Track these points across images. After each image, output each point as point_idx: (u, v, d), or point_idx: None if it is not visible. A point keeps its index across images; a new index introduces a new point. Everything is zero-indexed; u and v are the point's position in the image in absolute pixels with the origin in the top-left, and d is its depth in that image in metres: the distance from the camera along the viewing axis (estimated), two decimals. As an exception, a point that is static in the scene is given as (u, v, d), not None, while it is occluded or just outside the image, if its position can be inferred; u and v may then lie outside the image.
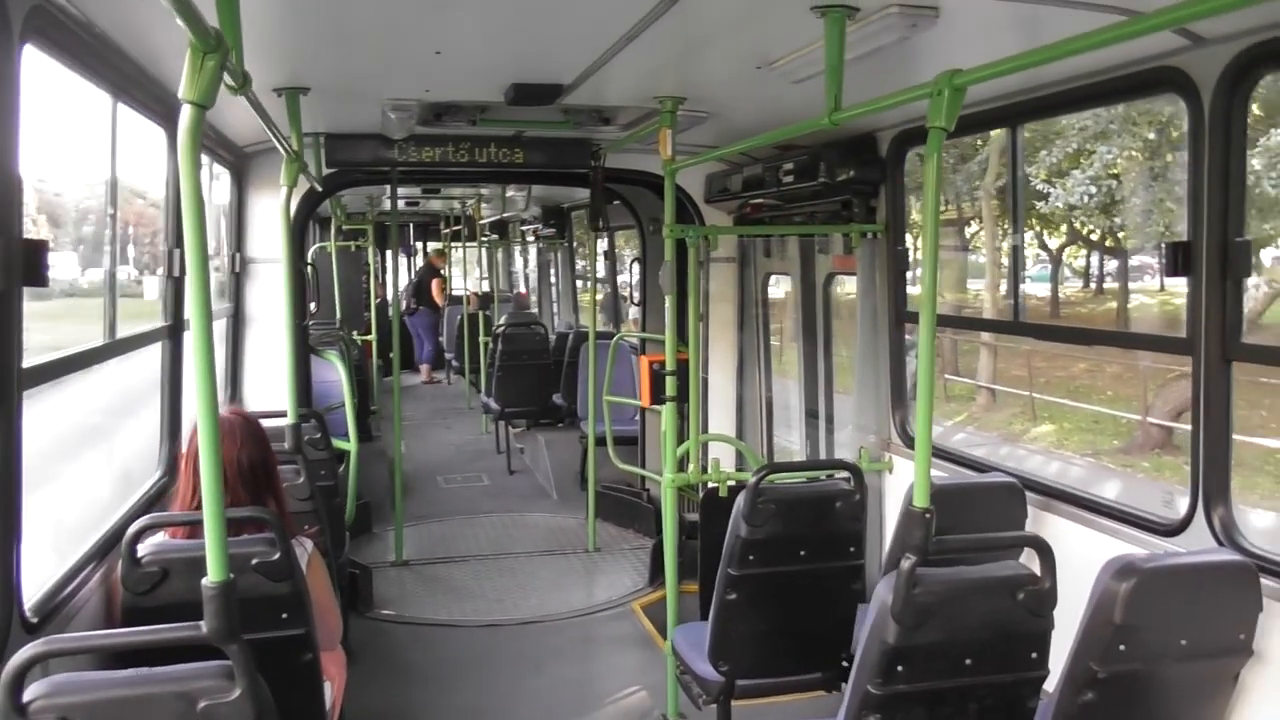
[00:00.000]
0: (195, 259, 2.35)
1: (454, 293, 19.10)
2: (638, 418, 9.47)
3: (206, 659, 2.40)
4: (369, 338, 12.81)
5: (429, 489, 11.02)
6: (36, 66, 3.29)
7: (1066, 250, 24.46)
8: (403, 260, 21.91)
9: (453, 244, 18.60)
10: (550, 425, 12.34)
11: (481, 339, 14.44)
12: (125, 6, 3.26)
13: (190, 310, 2.38)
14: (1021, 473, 4.81)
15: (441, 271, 18.38)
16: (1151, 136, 17.24)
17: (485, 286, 18.12)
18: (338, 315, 13.07)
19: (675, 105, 5.34)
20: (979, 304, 21.42)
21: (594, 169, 7.03)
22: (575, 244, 16.01)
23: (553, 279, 17.87)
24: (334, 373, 8.47)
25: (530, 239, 18.91)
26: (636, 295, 9.22)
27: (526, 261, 21.17)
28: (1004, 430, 19.12)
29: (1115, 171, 17.87)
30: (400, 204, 12.63)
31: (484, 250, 19.28)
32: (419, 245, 21.83)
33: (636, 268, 9.55)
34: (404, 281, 21.24)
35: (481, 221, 16.49)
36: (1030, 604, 3.14)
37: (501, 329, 12.80)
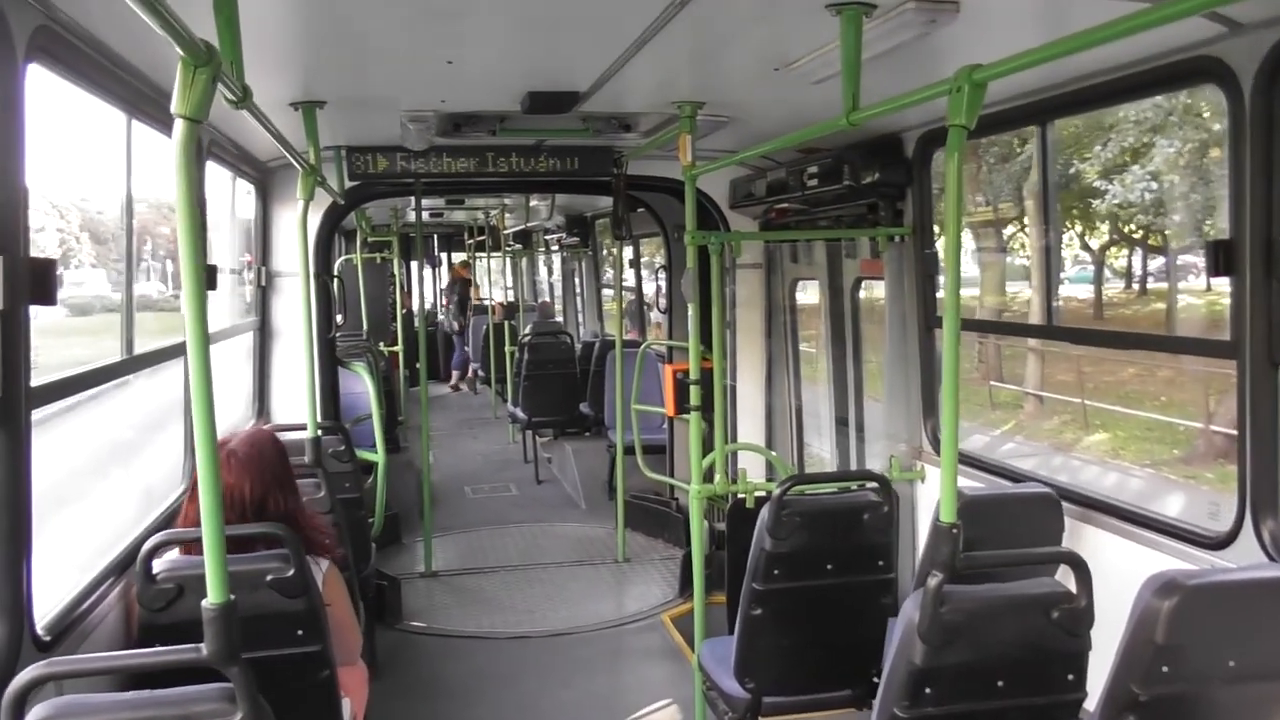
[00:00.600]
0: (191, 275, 2.29)
1: (478, 302, 19.20)
2: (664, 426, 9.39)
3: (217, 678, 2.36)
4: (395, 349, 12.86)
5: (457, 499, 11.00)
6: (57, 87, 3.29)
7: (1109, 250, 23.96)
8: (428, 271, 21.99)
9: (477, 254, 18.65)
10: (576, 434, 12.29)
11: (507, 349, 14.43)
12: (131, 23, 3.21)
13: (187, 327, 2.32)
14: (1057, 482, 4.66)
15: (472, 280, 18.52)
16: (1217, 128, 16.59)
17: (509, 296, 18.15)
18: (364, 327, 13.11)
19: (694, 110, 5.25)
20: (1024, 308, 20.92)
21: (616, 176, 6.96)
22: (604, 252, 15.95)
23: (577, 288, 17.84)
24: (361, 384, 8.46)
25: (554, 248, 18.90)
26: (663, 303, 9.13)
27: (550, 271, 21.18)
28: (1055, 439, 18.39)
29: (1177, 165, 17.11)
30: (424, 215, 12.67)
31: (508, 260, 19.30)
32: (443, 256, 21.91)
33: (662, 275, 9.48)
34: (428, 292, 21.43)
35: (505, 231, 16.50)
36: (1066, 623, 3.00)
37: (528, 339, 12.78)
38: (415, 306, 12.25)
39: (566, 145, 6.80)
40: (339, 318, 8.74)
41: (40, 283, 2.87)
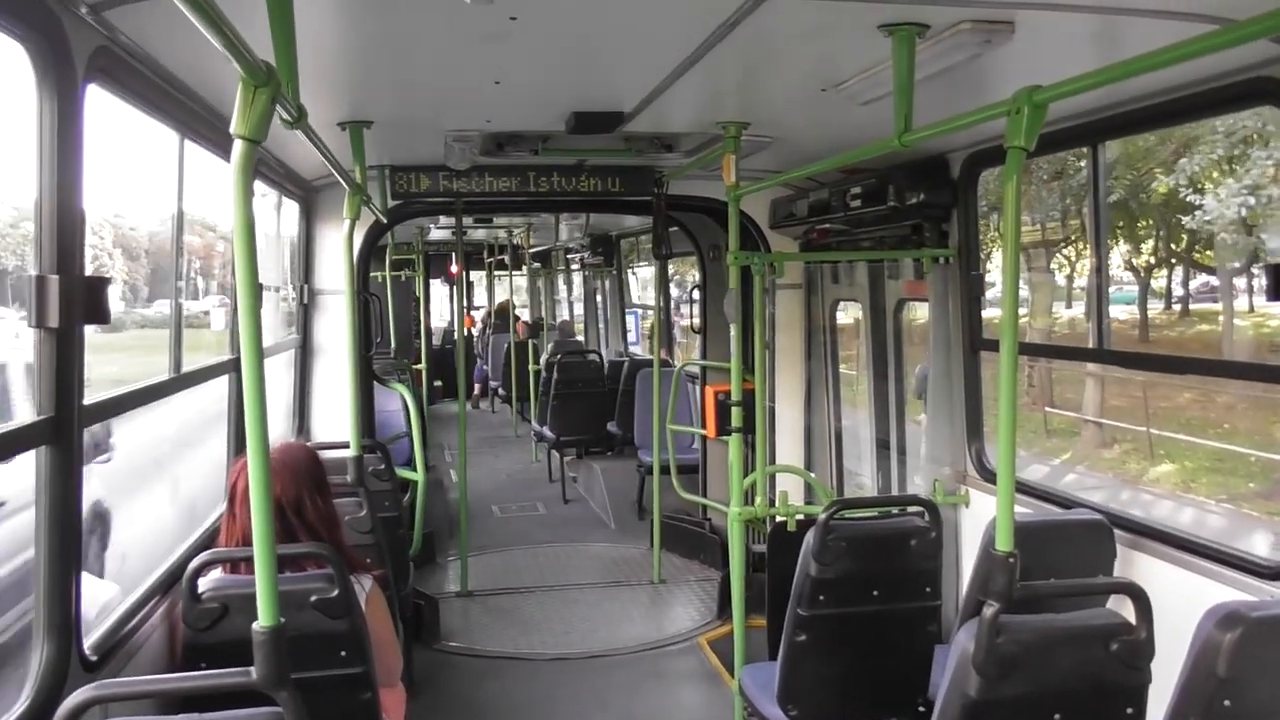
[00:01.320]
0: (246, 292, 2.31)
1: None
2: (695, 446, 9.33)
3: (262, 701, 2.35)
4: (419, 366, 12.91)
5: (485, 519, 10.97)
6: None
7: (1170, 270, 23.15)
8: (446, 289, 22.18)
9: (497, 273, 18.80)
10: (600, 454, 12.26)
11: (531, 367, 14.40)
12: (188, 44, 3.27)
13: (243, 344, 2.34)
14: (1109, 509, 4.57)
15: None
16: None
17: (532, 315, 18.24)
18: (392, 345, 13.17)
19: (738, 130, 5.24)
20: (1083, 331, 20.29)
21: (657, 196, 6.96)
22: (630, 271, 15.98)
23: (599, 307, 17.89)
24: (395, 402, 8.48)
25: (575, 267, 18.90)
26: (697, 323, 9.12)
27: (570, 289, 21.22)
28: (1118, 470, 17.53)
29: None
30: (446, 234, 12.70)
31: (531, 279, 19.40)
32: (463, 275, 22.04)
33: (697, 295, 9.45)
34: (446, 310, 21.61)
35: (530, 250, 16.52)
36: (1125, 655, 2.93)
37: (560, 358, 12.79)
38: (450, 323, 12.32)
39: (608, 165, 6.80)
40: (377, 337, 8.79)
41: (94, 301, 2.89)
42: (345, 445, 5.25)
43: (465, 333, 20.93)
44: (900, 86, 3.62)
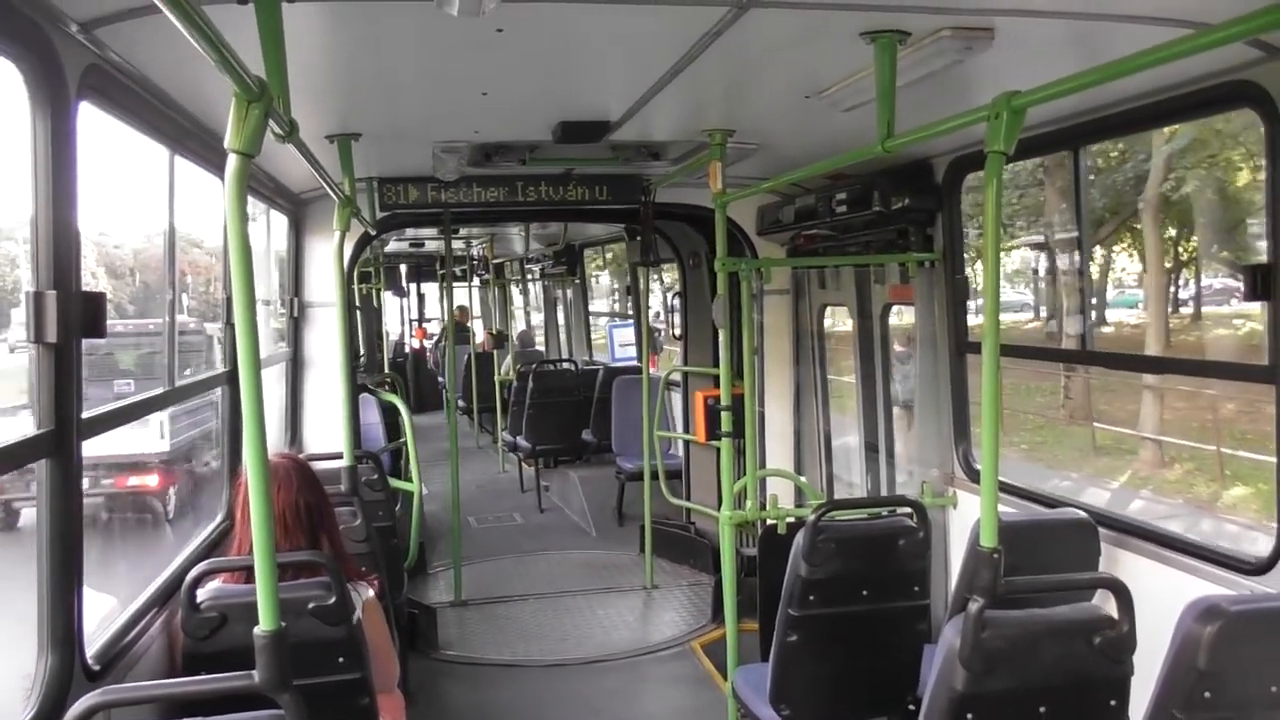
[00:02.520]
0: (243, 305, 2.35)
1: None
2: (673, 451, 9.37)
3: (263, 705, 2.38)
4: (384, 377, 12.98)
5: (463, 529, 10.96)
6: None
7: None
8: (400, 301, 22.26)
9: (452, 284, 18.89)
10: (571, 462, 12.30)
11: (496, 377, 14.36)
12: (177, 60, 3.31)
13: (241, 356, 2.38)
14: (1093, 508, 4.64)
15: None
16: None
17: (496, 326, 18.30)
18: (361, 357, 13.18)
19: (724, 138, 5.29)
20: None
21: (644, 204, 7.01)
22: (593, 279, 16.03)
23: (560, 316, 17.91)
24: (372, 414, 8.47)
25: (533, 277, 18.96)
26: (678, 330, 9.18)
27: (527, 299, 21.35)
28: (1187, 494, 15.77)
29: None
30: (403, 245, 12.64)
31: (495, 289, 19.47)
32: (412, 286, 22.14)
33: (678, 301, 9.52)
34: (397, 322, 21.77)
35: (491, 261, 16.50)
36: (1108, 649, 2.98)
37: (535, 367, 12.84)
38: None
39: (595, 174, 6.86)
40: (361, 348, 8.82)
41: (91, 316, 2.93)
42: (338, 456, 5.28)
43: (419, 344, 21.09)
44: (883, 93, 3.68)
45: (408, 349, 21.19)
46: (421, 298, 23.50)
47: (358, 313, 8.37)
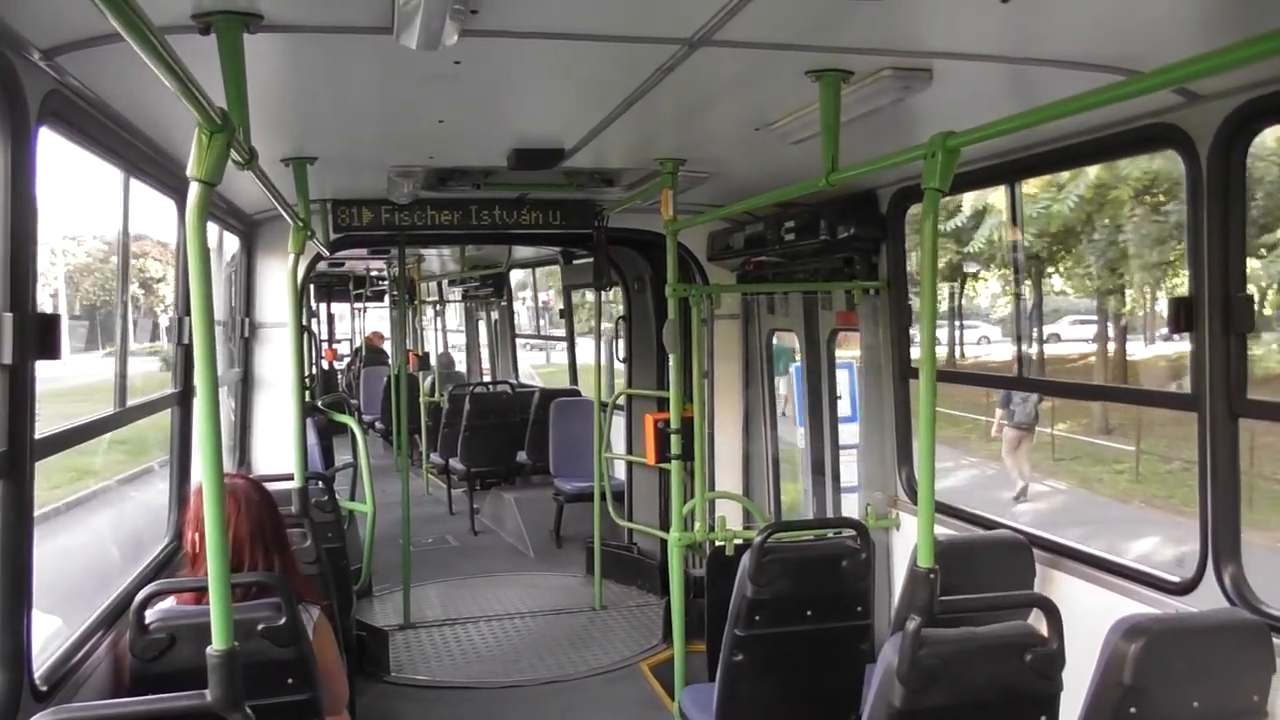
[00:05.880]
0: (202, 327, 2.39)
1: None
2: (611, 473, 9.44)
3: None
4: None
5: (397, 553, 10.85)
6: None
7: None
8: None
9: (363, 304, 18.95)
10: (501, 484, 12.29)
11: (423, 399, 14.28)
12: (139, 87, 3.35)
13: (197, 377, 2.42)
14: (1028, 530, 4.79)
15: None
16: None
17: (422, 348, 18.22)
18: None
19: (676, 166, 5.41)
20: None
21: (597, 229, 7.10)
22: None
23: (483, 338, 17.89)
24: (310, 436, 8.38)
25: (454, 298, 19.00)
26: (623, 352, 9.27)
27: (444, 320, 21.30)
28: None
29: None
30: (323, 265, 12.53)
31: (413, 311, 19.45)
32: (321, 306, 22.02)
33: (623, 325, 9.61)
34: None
35: (419, 282, 16.39)
36: (1038, 666, 3.11)
37: (471, 389, 12.82)
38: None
39: (549, 199, 6.94)
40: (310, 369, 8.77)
41: (46, 338, 2.94)
42: (288, 477, 5.28)
43: (328, 366, 21.01)
44: (827, 128, 3.81)
45: (315, 371, 21.01)
46: (331, 319, 23.33)
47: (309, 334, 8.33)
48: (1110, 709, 3.03)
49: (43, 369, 2.98)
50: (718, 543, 5.58)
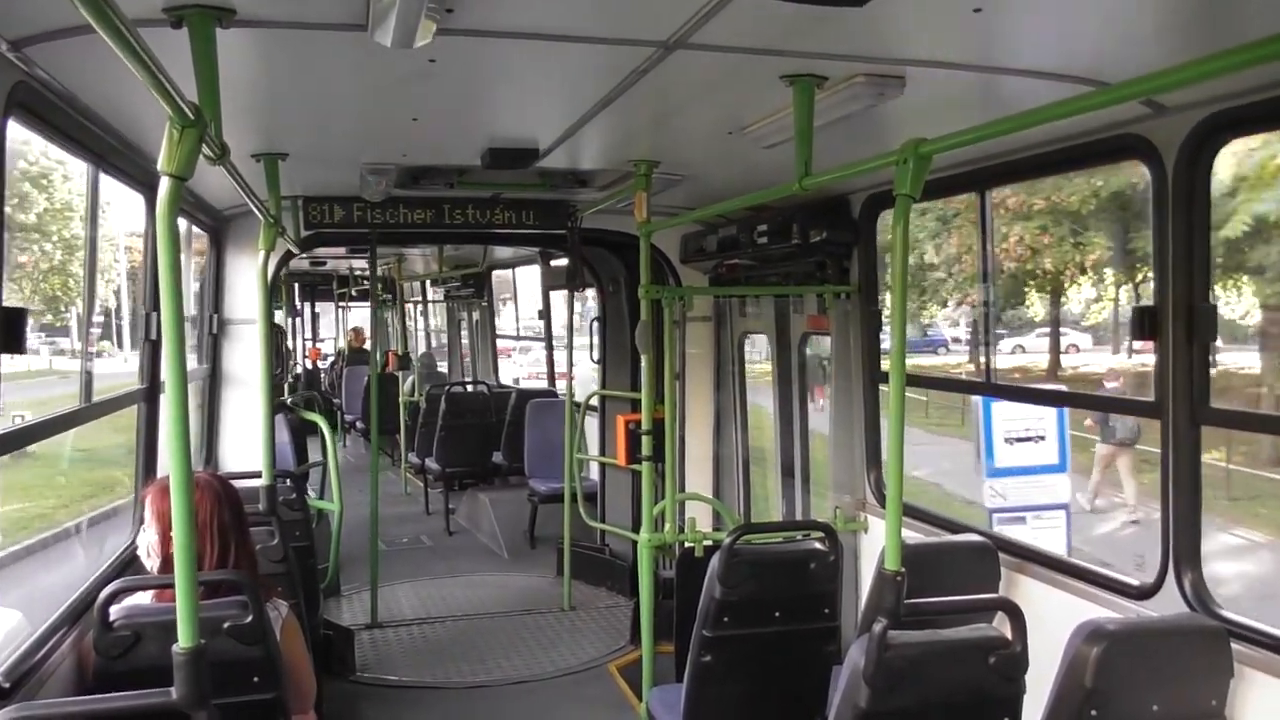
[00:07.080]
0: (171, 324, 2.38)
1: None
2: (585, 474, 9.44)
3: None
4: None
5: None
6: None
7: None
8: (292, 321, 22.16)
9: (346, 304, 18.86)
10: (478, 484, 12.27)
11: (402, 399, 14.24)
12: (108, 80, 3.31)
13: (165, 373, 2.40)
14: (994, 533, 4.84)
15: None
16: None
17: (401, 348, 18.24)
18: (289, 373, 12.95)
19: (650, 169, 5.42)
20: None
21: (571, 230, 7.10)
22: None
23: (464, 337, 17.87)
24: (282, 434, 8.33)
25: (435, 298, 18.97)
26: (597, 353, 9.28)
27: (426, 320, 21.26)
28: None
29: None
30: (302, 263, 12.48)
31: (396, 310, 19.45)
32: (305, 306, 21.95)
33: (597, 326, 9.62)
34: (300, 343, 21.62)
35: (400, 282, 16.40)
36: (1002, 667, 3.15)
37: (447, 389, 12.80)
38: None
39: (523, 199, 6.93)
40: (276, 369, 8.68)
41: (12, 332, 2.91)
42: (256, 475, 5.24)
43: (312, 365, 20.96)
44: (801, 133, 3.84)
45: (300, 369, 20.90)
46: (315, 317, 23.19)
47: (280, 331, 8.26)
48: (1072, 711, 3.08)
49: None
50: (687, 544, 5.59)
